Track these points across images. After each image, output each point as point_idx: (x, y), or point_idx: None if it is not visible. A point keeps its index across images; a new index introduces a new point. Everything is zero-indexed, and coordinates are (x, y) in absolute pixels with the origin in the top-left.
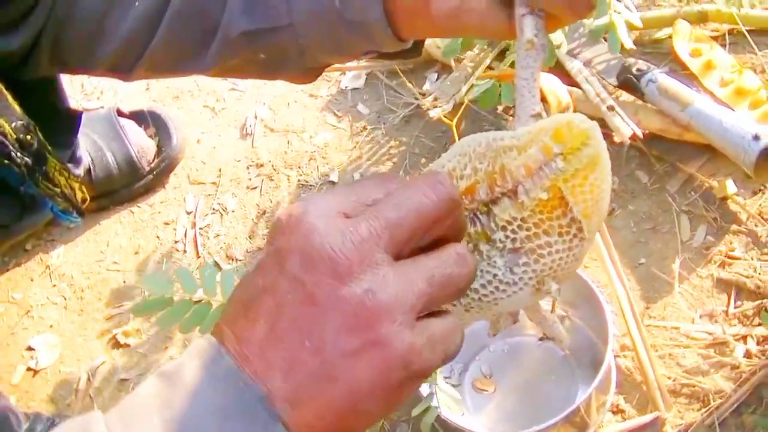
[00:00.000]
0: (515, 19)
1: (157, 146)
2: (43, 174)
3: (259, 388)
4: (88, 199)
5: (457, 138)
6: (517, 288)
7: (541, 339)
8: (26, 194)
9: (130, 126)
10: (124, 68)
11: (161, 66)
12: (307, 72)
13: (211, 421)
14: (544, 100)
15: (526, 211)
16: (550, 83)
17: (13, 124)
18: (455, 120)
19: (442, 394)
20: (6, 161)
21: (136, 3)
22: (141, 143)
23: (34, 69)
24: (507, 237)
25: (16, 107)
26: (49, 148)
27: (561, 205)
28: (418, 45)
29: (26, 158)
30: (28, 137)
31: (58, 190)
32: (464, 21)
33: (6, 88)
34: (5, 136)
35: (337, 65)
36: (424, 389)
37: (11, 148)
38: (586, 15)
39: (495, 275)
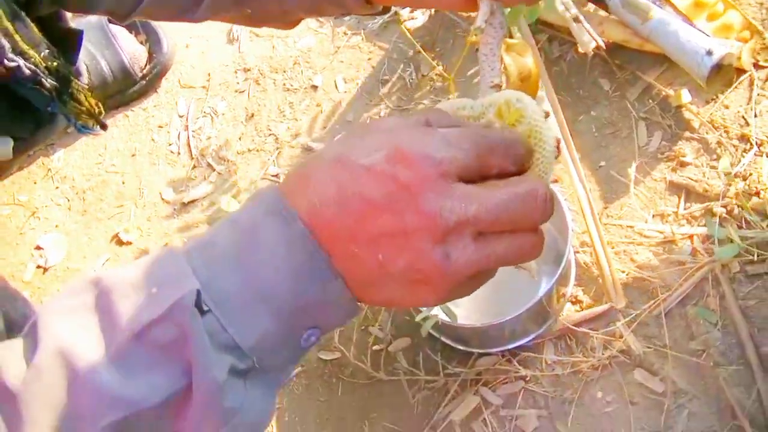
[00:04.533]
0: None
1: (149, 52)
2: (68, 95)
3: (326, 253)
4: (103, 111)
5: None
6: None
7: (516, 267)
8: (44, 111)
9: (121, 33)
10: (119, 17)
11: (155, 16)
12: (288, 24)
13: (284, 279)
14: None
15: None
16: (514, 55)
17: (42, 54)
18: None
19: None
20: (36, 86)
21: None
22: (133, 50)
23: (36, 9)
24: None
25: (41, 37)
26: (79, 71)
27: None
28: (386, 7)
29: (54, 82)
30: (54, 63)
31: (84, 107)
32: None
33: None
34: (36, 65)
35: None
36: None
37: (42, 75)
38: (533, 2)
39: None
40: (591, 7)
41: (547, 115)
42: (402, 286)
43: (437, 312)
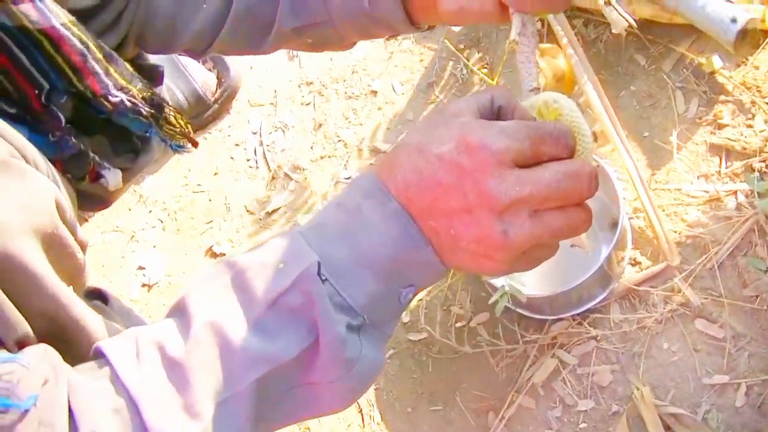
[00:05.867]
0: (510, 14)
1: (218, 78)
2: (164, 119)
3: (417, 225)
4: (192, 131)
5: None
6: None
7: (571, 246)
8: (140, 138)
9: (191, 63)
10: (195, 54)
11: (226, 52)
12: (345, 46)
13: (385, 248)
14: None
15: None
16: (548, 59)
17: (138, 86)
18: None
19: (511, 286)
20: (136, 115)
21: (204, 5)
22: (203, 77)
23: (123, 53)
24: None
25: (134, 72)
26: (165, 97)
27: None
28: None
29: (150, 110)
30: (149, 93)
31: (177, 129)
32: (467, 19)
33: None
34: (134, 97)
35: None
36: (499, 281)
37: (140, 105)
38: (562, 9)
39: None
40: None
41: (595, 138)
42: (471, 256)
43: (506, 292)
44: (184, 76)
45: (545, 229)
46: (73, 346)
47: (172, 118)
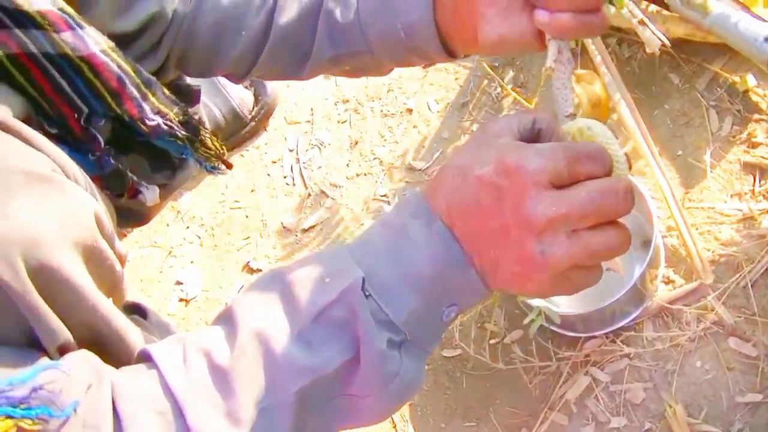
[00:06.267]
0: (546, 41)
1: (255, 96)
2: (199, 142)
3: (460, 246)
4: (227, 151)
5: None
6: None
7: (607, 269)
8: (178, 158)
9: (228, 81)
10: (235, 78)
11: (265, 77)
12: (382, 73)
13: (429, 266)
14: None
15: None
16: (584, 85)
17: (175, 110)
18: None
19: (546, 307)
20: (172, 138)
21: (243, 33)
22: (240, 95)
23: (164, 78)
24: None
25: (172, 96)
26: (202, 120)
27: None
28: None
29: (186, 133)
30: (184, 116)
31: (212, 151)
32: (506, 48)
33: None
34: (171, 121)
35: None
36: (535, 301)
37: (176, 128)
38: (599, 34)
39: None
40: (654, 8)
41: (629, 164)
42: (512, 277)
43: (541, 311)
44: (222, 93)
45: (584, 249)
46: (114, 358)
47: (207, 141)
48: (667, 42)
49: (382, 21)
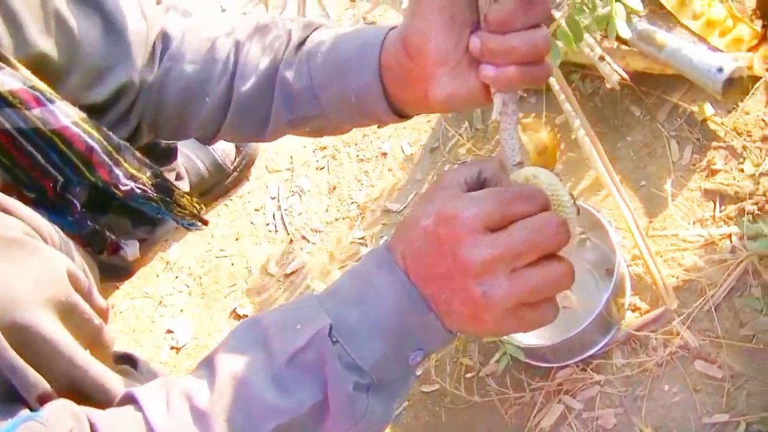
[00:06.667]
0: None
1: (236, 147)
2: (173, 202)
3: (419, 292)
4: (203, 208)
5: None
6: None
7: (563, 307)
8: (156, 216)
9: None
10: (203, 141)
11: (234, 139)
12: (341, 132)
13: (393, 313)
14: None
15: None
16: (530, 133)
17: (148, 173)
18: None
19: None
20: (147, 200)
21: (207, 99)
22: (222, 147)
23: (138, 142)
24: None
25: (145, 160)
26: (175, 183)
27: None
28: None
29: (160, 195)
30: (158, 180)
31: (187, 211)
32: (455, 105)
33: None
34: (144, 184)
35: None
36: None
37: (150, 191)
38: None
39: None
40: (614, 44)
41: (577, 209)
42: (464, 318)
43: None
44: (204, 147)
45: (524, 285)
46: (93, 404)
47: (181, 201)
48: (625, 76)
49: (334, 85)
